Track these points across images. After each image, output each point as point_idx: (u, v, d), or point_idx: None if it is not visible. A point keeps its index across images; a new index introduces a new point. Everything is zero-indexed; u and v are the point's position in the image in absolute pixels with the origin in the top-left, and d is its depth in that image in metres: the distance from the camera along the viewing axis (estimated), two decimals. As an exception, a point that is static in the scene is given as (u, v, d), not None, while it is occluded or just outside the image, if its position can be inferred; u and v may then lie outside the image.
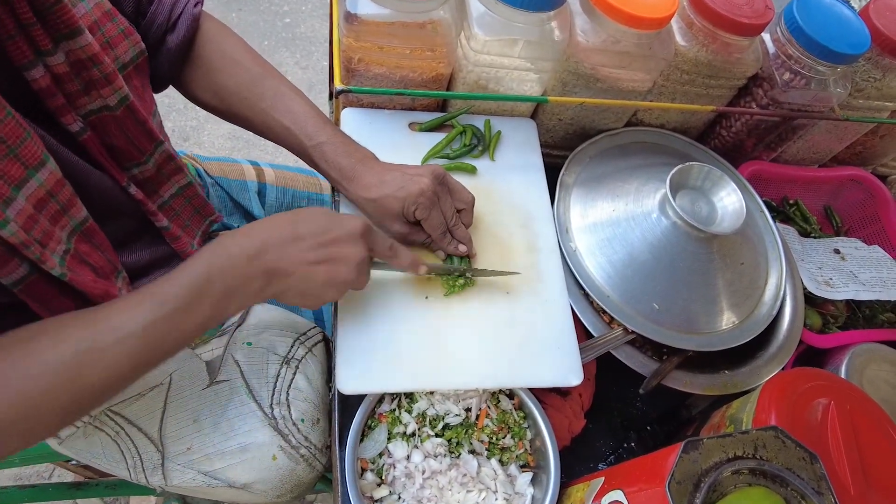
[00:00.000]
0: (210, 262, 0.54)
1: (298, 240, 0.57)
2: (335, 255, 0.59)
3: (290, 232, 0.57)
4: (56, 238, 0.53)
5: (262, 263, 0.55)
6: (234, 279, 0.54)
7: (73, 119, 0.55)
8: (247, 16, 2.37)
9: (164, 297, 0.51)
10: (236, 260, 0.54)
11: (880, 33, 0.84)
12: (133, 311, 0.50)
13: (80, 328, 0.49)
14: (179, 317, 0.52)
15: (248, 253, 0.55)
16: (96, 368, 0.48)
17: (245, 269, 0.55)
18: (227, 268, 0.54)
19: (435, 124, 0.83)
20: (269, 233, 0.57)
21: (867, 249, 0.98)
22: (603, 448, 0.77)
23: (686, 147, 0.94)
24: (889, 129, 1.01)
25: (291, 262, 0.57)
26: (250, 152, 2.03)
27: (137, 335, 0.49)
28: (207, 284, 0.53)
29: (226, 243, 0.55)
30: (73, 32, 0.51)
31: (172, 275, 0.53)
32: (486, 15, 0.73)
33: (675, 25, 0.83)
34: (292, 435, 0.70)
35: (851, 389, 0.66)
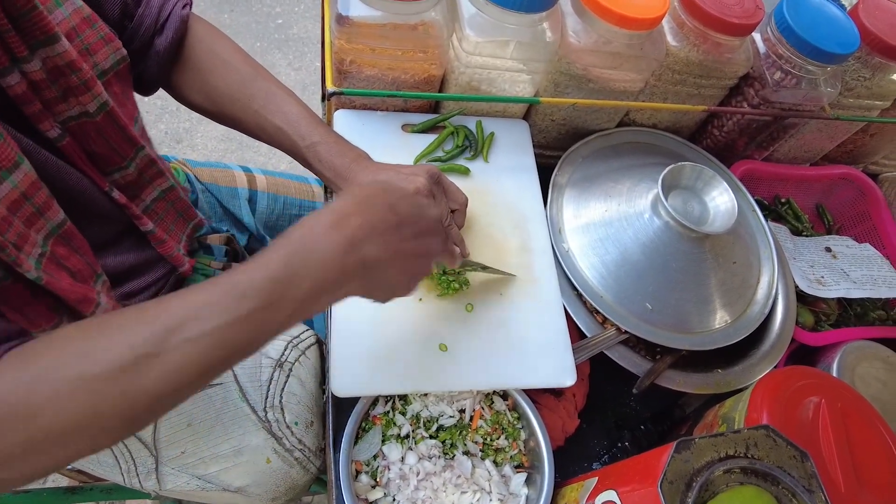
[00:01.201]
0: (296, 257, 0.46)
1: (399, 228, 0.50)
2: (426, 248, 0.54)
3: (391, 218, 0.50)
4: (31, 241, 0.51)
5: (361, 256, 0.48)
6: (328, 274, 0.46)
7: (52, 125, 0.54)
8: (239, 17, 2.37)
9: (242, 293, 0.44)
10: (329, 253, 0.46)
11: (869, 32, 0.84)
12: (206, 308, 0.43)
13: (141, 324, 0.43)
14: (259, 317, 0.44)
15: (345, 244, 0.47)
16: (159, 373, 0.41)
17: (340, 263, 0.47)
18: (318, 263, 0.46)
19: (427, 126, 0.83)
20: (367, 219, 0.49)
21: (858, 247, 0.99)
22: (597, 448, 0.77)
23: (678, 147, 0.94)
24: (879, 127, 1.01)
25: (392, 253, 0.50)
26: (244, 154, 2.03)
27: (208, 337, 0.42)
28: (294, 282, 0.45)
29: (314, 235, 0.47)
30: (49, 39, 0.50)
31: (251, 267, 0.45)
32: (477, 16, 0.73)
33: (667, 26, 0.83)
34: (286, 438, 0.70)
35: (842, 387, 0.66)
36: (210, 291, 0.44)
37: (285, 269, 0.45)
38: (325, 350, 0.78)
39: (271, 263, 0.45)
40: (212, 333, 0.42)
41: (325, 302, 0.48)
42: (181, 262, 0.73)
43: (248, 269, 0.45)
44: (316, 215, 0.48)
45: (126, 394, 0.41)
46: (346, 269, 0.47)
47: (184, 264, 0.74)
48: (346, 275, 0.48)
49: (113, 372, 0.41)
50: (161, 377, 0.41)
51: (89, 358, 0.41)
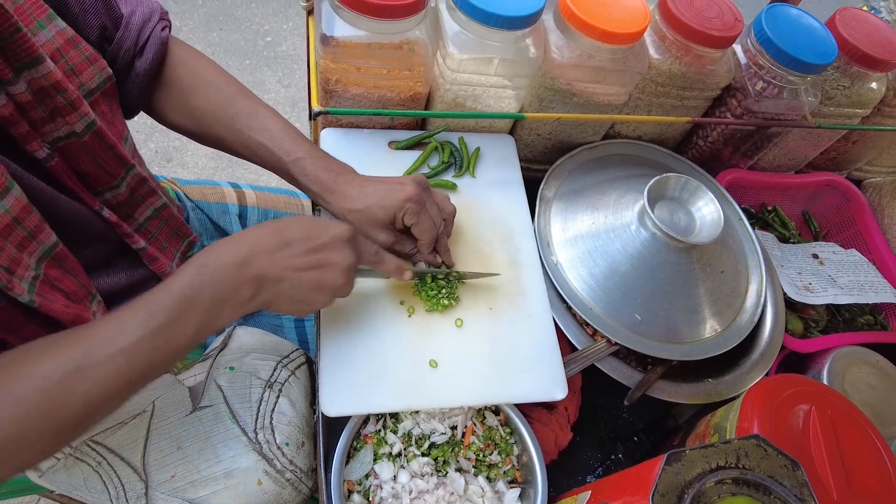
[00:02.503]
0: (198, 273, 0.53)
1: (287, 246, 0.57)
2: (324, 261, 0.59)
3: (278, 239, 0.57)
4: (24, 264, 0.52)
5: (252, 270, 0.55)
6: (224, 288, 0.53)
7: (39, 146, 0.54)
8: (228, 35, 2.38)
9: (154, 309, 0.50)
10: (225, 269, 0.54)
11: (847, 43, 0.86)
12: (122, 326, 0.49)
13: (67, 346, 0.48)
14: (170, 329, 0.50)
15: (237, 261, 0.54)
16: (86, 386, 0.47)
17: (234, 277, 0.54)
18: (215, 277, 0.53)
19: (412, 142, 0.83)
20: (256, 240, 0.56)
21: (844, 253, 0.99)
22: (590, 460, 0.77)
23: (664, 158, 0.95)
24: (861, 134, 1.03)
25: (281, 268, 0.56)
26: (234, 171, 2.03)
27: (128, 350, 0.48)
28: (197, 295, 0.52)
29: (213, 253, 0.54)
30: (33, 61, 0.51)
31: (160, 287, 0.52)
32: (461, 34, 0.74)
33: (649, 39, 0.84)
34: (277, 459, 0.69)
35: (831, 394, 0.67)
36: (129, 311, 0.50)
37: (189, 288, 0.52)
38: (314, 369, 0.78)
39: (177, 282, 0.52)
40: (130, 347, 0.49)
41: (228, 316, 0.55)
42: None
43: (160, 290, 0.52)
44: (216, 242, 0.56)
45: (56, 407, 0.46)
46: (240, 283, 0.55)
47: None
48: (241, 288, 0.55)
49: (44, 388, 0.45)
50: (88, 389, 0.47)
51: (24, 376, 0.46)
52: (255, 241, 0.56)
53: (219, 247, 0.55)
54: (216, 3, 2.46)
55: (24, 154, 0.54)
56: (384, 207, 0.67)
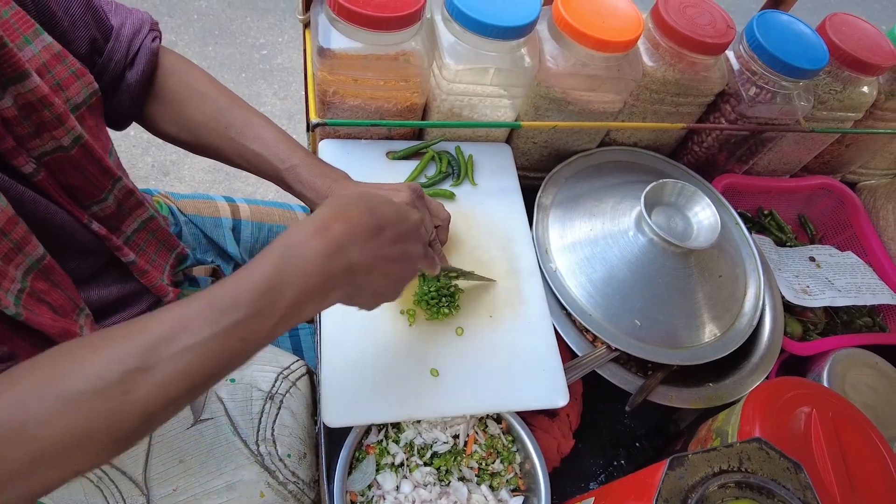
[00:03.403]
0: (283, 261, 0.46)
1: (380, 232, 0.51)
2: (409, 252, 0.54)
3: (372, 221, 0.51)
4: (10, 277, 0.51)
5: (345, 259, 0.48)
6: (312, 280, 0.47)
7: (26, 161, 0.54)
8: (223, 48, 2.39)
9: (227, 305, 0.44)
10: (314, 259, 0.47)
11: (837, 48, 0.87)
12: (190, 321, 0.43)
13: (126, 341, 0.42)
14: (245, 328, 0.44)
15: (329, 249, 0.48)
16: (145, 388, 0.41)
17: (325, 269, 0.47)
18: (303, 270, 0.46)
19: (409, 152, 0.84)
20: (348, 224, 0.49)
21: (841, 256, 1.00)
22: (593, 467, 0.77)
23: (660, 164, 0.96)
24: (854, 138, 1.04)
25: (374, 257, 0.51)
26: (231, 184, 2.03)
27: (195, 349, 0.42)
28: (280, 289, 0.46)
29: (297, 237, 0.48)
30: (19, 76, 0.51)
31: (237, 277, 0.46)
32: (456, 45, 0.75)
33: (642, 47, 0.85)
34: (279, 471, 0.69)
35: (832, 396, 0.67)
36: (195, 305, 0.44)
37: (270, 280, 0.45)
38: (315, 380, 0.78)
39: (255, 275, 0.46)
40: (198, 346, 0.42)
41: (311, 310, 0.48)
42: (165, 293, 0.73)
43: (233, 281, 0.46)
44: (298, 225, 0.49)
45: (115, 410, 0.41)
46: (330, 274, 0.48)
47: (167, 294, 0.74)
48: (330, 281, 0.48)
49: (101, 389, 0.40)
50: (150, 392, 0.41)
51: (76, 376, 0.41)
52: (349, 224, 0.49)
53: (306, 230, 0.48)
54: (212, 17, 2.48)
55: (11, 169, 0.54)
56: None
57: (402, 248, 0.53)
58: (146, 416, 0.42)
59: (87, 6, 0.63)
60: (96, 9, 0.65)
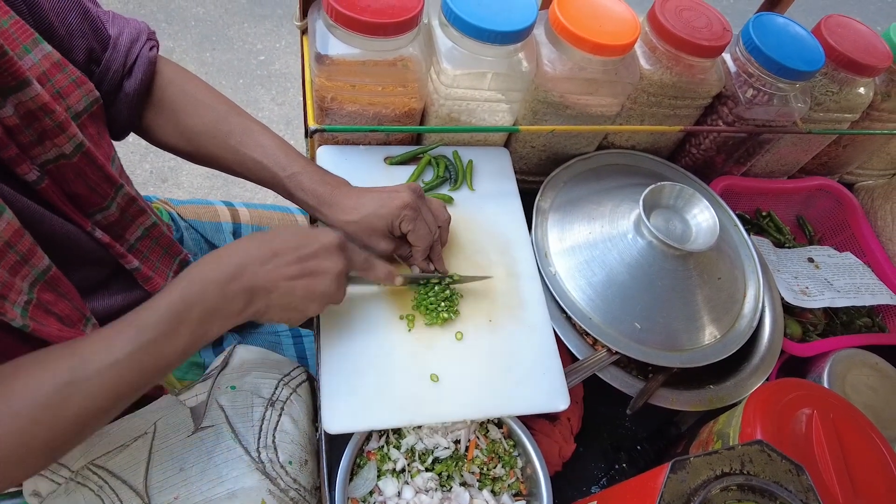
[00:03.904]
0: (187, 288, 0.54)
1: (276, 256, 0.58)
2: (314, 269, 0.59)
3: (267, 249, 0.58)
4: (17, 289, 0.52)
5: (242, 283, 0.56)
6: (214, 302, 0.54)
7: (29, 168, 0.54)
8: (221, 55, 2.39)
9: (144, 324, 0.51)
10: (212, 283, 0.54)
11: (833, 49, 0.87)
12: (113, 341, 0.50)
13: (60, 360, 0.49)
14: (160, 343, 0.51)
15: (226, 275, 0.55)
16: (78, 400, 0.48)
17: (224, 291, 0.55)
18: (205, 293, 0.54)
19: (408, 157, 0.84)
20: (245, 252, 0.57)
21: (839, 256, 1.00)
22: (595, 471, 0.76)
23: (658, 167, 0.96)
24: (851, 139, 1.04)
25: (271, 278, 0.57)
26: (230, 190, 2.03)
27: (119, 364, 0.49)
28: (186, 310, 0.53)
29: (200, 268, 0.55)
30: (20, 84, 0.51)
31: (151, 302, 0.53)
32: (454, 50, 0.75)
33: (639, 50, 0.85)
34: (280, 478, 0.68)
35: (833, 397, 0.67)
36: (118, 326, 0.51)
37: (177, 301, 0.53)
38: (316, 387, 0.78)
39: (166, 298, 0.53)
40: (119, 363, 0.49)
41: (219, 327, 0.56)
42: None
43: (149, 306, 0.52)
44: (204, 257, 0.57)
45: (50, 422, 0.47)
46: (231, 294, 0.55)
47: None
48: (232, 299, 0.55)
49: (38, 403, 0.46)
50: (80, 404, 0.48)
51: (17, 392, 0.46)
52: (244, 254, 0.57)
53: (207, 261, 0.56)
54: (209, 23, 2.48)
55: (15, 177, 0.54)
56: (381, 216, 0.68)
57: (302, 267, 0.59)
58: (78, 427, 0.49)
59: (84, 16, 0.63)
60: (93, 18, 0.65)
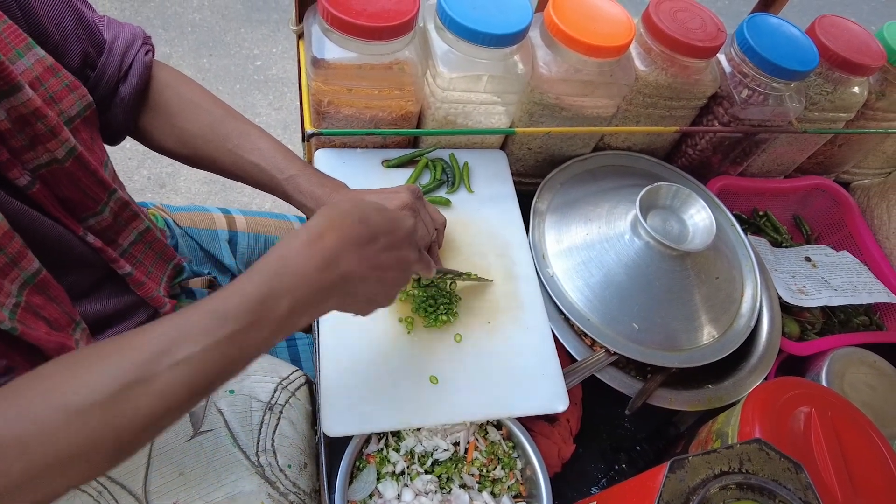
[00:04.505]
0: (277, 276, 0.47)
1: (373, 240, 0.52)
2: (402, 258, 0.55)
3: (365, 231, 0.52)
4: (5, 291, 0.51)
5: (339, 270, 0.49)
6: (306, 292, 0.48)
7: (21, 173, 0.54)
8: (218, 60, 2.40)
9: (224, 315, 0.45)
10: (308, 274, 0.48)
11: (827, 49, 0.88)
12: (188, 332, 0.44)
13: (127, 353, 0.43)
14: (241, 338, 0.45)
15: (323, 262, 0.49)
16: (148, 398, 0.42)
17: (320, 280, 0.48)
18: (297, 282, 0.47)
19: (405, 160, 0.84)
20: (341, 234, 0.50)
21: (836, 255, 1.00)
22: (594, 472, 0.76)
23: (654, 167, 0.96)
24: (846, 138, 1.04)
25: (368, 266, 0.52)
26: (227, 196, 2.03)
27: (194, 359, 0.43)
28: (275, 302, 0.46)
29: (291, 255, 0.48)
30: (12, 89, 0.51)
31: (232, 290, 0.46)
32: (449, 53, 0.75)
33: (634, 51, 0.85)
34: (280, 482, 0.68)
35: (831, 396, 0.67)
36: (192, 316, 0.45)
37: (264, 291, 0.46)
38: (314, 390, 0.78)
39: (250, 286, 0.46)
40: (196, 356, 0.43)
41: (306, 319, 0.49)
42: (162, 304, 0.73)
43: (230, 292, 0.46)
44: (292, 236, 0.50)
45: (116, 421, 0.41)
46: (325, 285, 0.49)
47: (164, 306, 0.74)
48: (325, 291, 0.49)
49: (102, 401, 0.41)
50: (150, 403, 0.42)
51: (77, 388, 0.42)
52: (342, 234, 0.50)
53: (300, 241, 0.49)
54: (206, 29, 2.49)
55: (6, 182, 0.54)
56: None
57: (395, 255, 0.54)
58: (148, 426, 0.43)
59: (78, 20, 0.63)
60: (88, 23, 0.65)
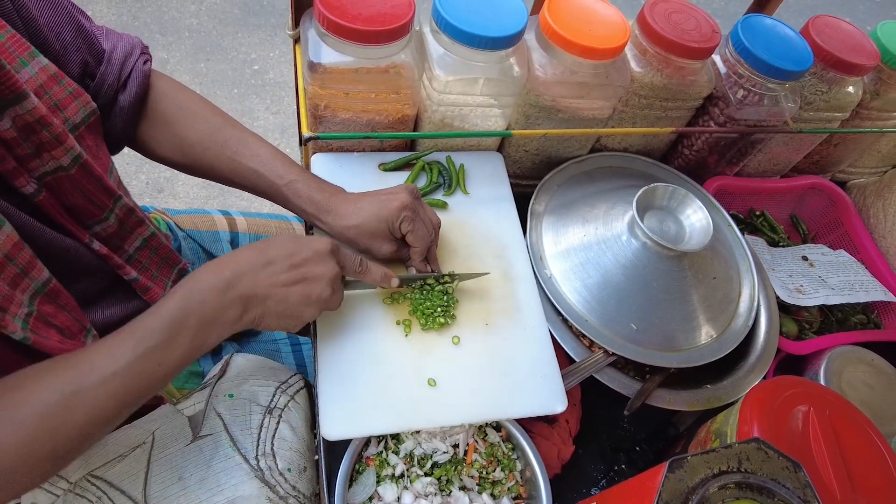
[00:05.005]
0: (184, 297, 0.55)
1: (269, 264, 0.59)
2: (307, 275, 0.61)
3: (260, 258, 0.59)
4: (17, 302, 0.52)
5: (237, 291, 0.57)
6: (210, 311, 0.56)
7: (27, 181, 0.55)
8: (215, 65, 2.40)
9: (143, 334, 0.52)
10: (209, 293, 0.56)
11: (821, 49, 0.88)
12: (114, 351, 0.51)
13: (62, 371, 0.49)
14: (160, 353, 0.53)
15: (221, 284, 0.56)
16: (82, 409, 0.49)
17: (220, 300, 0.56)
18: (202, 301, 0.55)
19: (402, 163, 0.84)
20: (238, 262, 0.58)
21: (833, 254, 1.01)
22: (594, 472, 0.76)
23: (651, 168, 0.96)
24: (842, 137, 1.05)
25: (265, 286, 0.58)
26: (226, 200, 2.03)
27: (120, 374, 0.50)
28: (184, 319, 0.54)
29: (197, 278, 0.56)
30: (17, 97, 0.52)
31: (149, 312, 0.54)
32: (445, 56, 0.75)
33: (630, 53, 0.86)
34: (280, 485, 0.68)
35: (829, 394, 0.67)
36: (119, 336, 0.52)
37: (176, 312, 0.54)
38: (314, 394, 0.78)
39: (164, 307, 0.54)
40: (121, 371, 0.50)
41: (216, 336, 0.57)
42: None
43: (148, 315, 0.54)
44: (202, 266, 0.58)
45: (55, 431, 0.47)
46: (226, 305, 0.56)
47: None
48: (226, 311, 0.57)
49: (43, 413, 0.47)
50: (85, 413, 0.49)
51: (21, 401, 0.47)
52: (239, 263, 0.58)
53: (203, 271, 0.57)
54: (203, 34, 2.49)
55: (13, 190, 0.55)
56: (381, 218, 0.68)
57: (296, 274, 0.60)
58: (83, 435, 0.49)
59: (78, 31, 0.64)
60: (87, 33, 0.65)
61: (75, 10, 0.65)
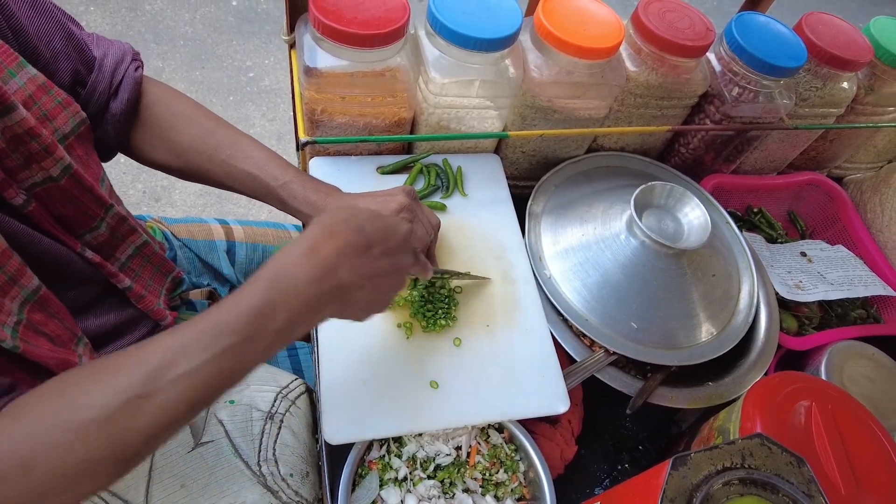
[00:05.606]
0: (271, 289, 0.47)
1: (369, 249, 0.53)
2: (398, 265, 0.56)
3: (360, 240, 0.52)
4: (6, 310, 0.52)
5: (335, 281, 0.50)
6: (303, 303, 0.48)
7: (16, 193, 0.54)
8: (211, 73, 2.40)
9: (221, 330, 0.46)
10: (303, 286, 0.48)
11: (815, 46, 0.89)
12: (187, 348, 0.45)
13: (127, 371, 0.44)
14: (239, 351, 0.46)
15: (318, 274, 0.49)
16: (148, 414, 0.43)
17: (315, 291, 0.49)
18: (293, 293, 0.48)
19: (399, 166, 0.84)
20: (337, 244, 0.50)
21: (831, 250, 1.01)
22: (597, 472, 0.76)
23: (648, 167, 0.96)
24: (837, 133, 1.05)
25: (363, 275, 0.52)
26: (223, 207, 2.03)
27: (193, 374, 0.44)
28: (271, 314, 0.47)
29: (287, 266, 0.49)
30: (6, 109, 0.51)
31: (228, 304, 0.47)
32: (441, 58, 0.76)
33: (625, 52, 0.86)
34: (282, 491, 0.68)
35: (831, 389, 0.67)
36: (191, 331, 0.46)
37: (261, 304, 0.47)
38: (315, 398, 0.78)
39: (247, 299, 0.47)
40: (196, 370, 0.44)
41: (303, 329, 0.50)
42: (163, 317, 0.73)
43: (227, 305, 0.47)
44: (288, 248, 0.50)
45: (119, 437, 0.42)
46: (322, 295, 0.49)
47: (165, 318, 0.74)
48: (321, 301, 0.50)
49: (105, 417, 0.42)
50: (152, 417, 0.43)
51: (80, 406, 0.42)
52: (338, 244, 0.50)
53: (297, 252, 0.49)
54: (198, 42, 2.49)
55: (2, 201, 0.54)
56: None
57: (391, 263, 0.55)
58: (149, 440, 0.44)
59: (68, 39, 0.63)
60: (78, 41, 0.65)
61: (66, 18, 0.64)
